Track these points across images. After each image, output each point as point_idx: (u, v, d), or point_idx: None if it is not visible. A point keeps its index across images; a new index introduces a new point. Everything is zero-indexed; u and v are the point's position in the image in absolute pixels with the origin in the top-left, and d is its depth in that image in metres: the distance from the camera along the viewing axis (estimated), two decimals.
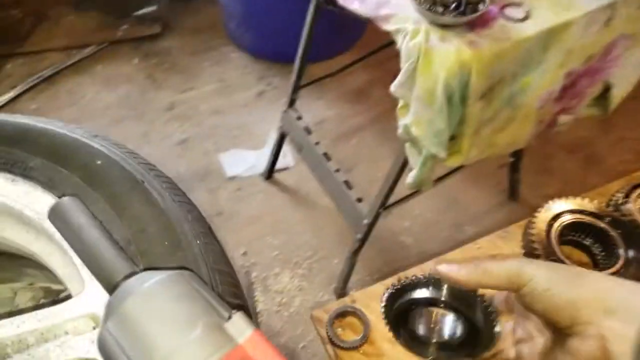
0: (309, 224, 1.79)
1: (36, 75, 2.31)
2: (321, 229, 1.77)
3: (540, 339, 0.47)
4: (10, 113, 2.21)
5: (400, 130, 1.04)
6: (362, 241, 1.47)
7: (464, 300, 0.50)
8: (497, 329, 0.49)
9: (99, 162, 0.62)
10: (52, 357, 0.49)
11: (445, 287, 0.50)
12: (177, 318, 0.39)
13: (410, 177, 1.10)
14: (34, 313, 0.51)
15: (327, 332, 0.76)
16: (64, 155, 0.63)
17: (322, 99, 2.25)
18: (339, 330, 0.79)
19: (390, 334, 0.55)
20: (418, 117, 0.97)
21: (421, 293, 0.52)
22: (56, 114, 2.22)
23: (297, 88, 1.68)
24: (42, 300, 0.75)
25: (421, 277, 0.52)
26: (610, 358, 0.38)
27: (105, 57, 2.42)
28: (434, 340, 0.54)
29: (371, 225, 1.43)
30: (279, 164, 1.92)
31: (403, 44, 0.94)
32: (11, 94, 2.25)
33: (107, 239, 0.47)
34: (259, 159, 1.97)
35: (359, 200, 1.48)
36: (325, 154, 1.60)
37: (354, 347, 0.76)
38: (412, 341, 0.55)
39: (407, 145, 1.09)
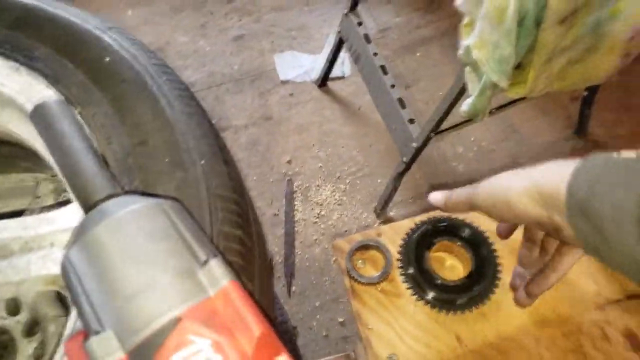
0: (357, 139, 1.71)
1: None
2: (369, 146, 1.70)
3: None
4: None
5: (460, 52, 0.91)
6: (408, 165, 1.39)
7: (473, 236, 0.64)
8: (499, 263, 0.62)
9: (107, 59, 0.57)
10: (33, 270, 0.47)
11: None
12: (145, 258, 0.35)
13: (465, 105, 0.99)
14: (20, 219, 0.49)
15: (346, 265, 0.72)
16: (71, 48, 0.57)
17: (391, 4, 2.07)
18: (359, 263, 0.75)
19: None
20: (482, 39, 0.84)
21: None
22: None
23: None
24: (64, 195, 0.73)
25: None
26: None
27: None
28: (439, 282, 0.64)
29: (420, 150, 1.34)
30: (335, 72, 1.82)
31: None
32: None
33: (91, 152, 0.43)
34: (315, 64, 1.87)
35: (411, 121, 1.38)
36: (382, 67, 1.48)
37: (372, 283, 0.72)
38: (416, 281, 0.65)
39: (467, 69, 0.96)
